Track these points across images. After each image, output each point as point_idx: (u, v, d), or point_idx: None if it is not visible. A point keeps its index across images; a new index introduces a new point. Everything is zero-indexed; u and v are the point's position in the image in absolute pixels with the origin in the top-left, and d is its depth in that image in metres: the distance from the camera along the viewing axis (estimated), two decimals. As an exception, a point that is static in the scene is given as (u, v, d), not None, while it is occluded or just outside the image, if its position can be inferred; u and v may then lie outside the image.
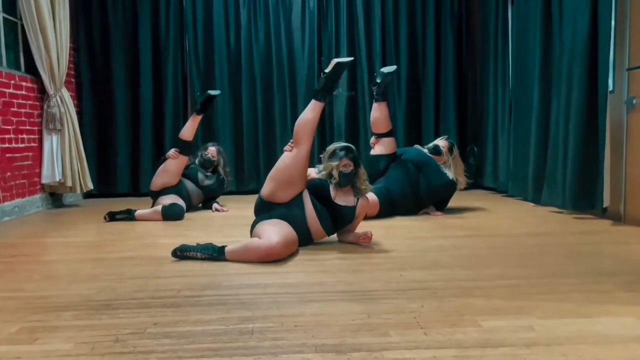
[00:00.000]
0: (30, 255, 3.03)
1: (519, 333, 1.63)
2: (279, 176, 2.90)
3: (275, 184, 2.89)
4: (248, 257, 2.62)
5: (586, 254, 2.74)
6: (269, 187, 2.92)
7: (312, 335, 1.66)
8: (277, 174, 2.92)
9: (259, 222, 2.85)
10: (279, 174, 2.90)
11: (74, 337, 1.69)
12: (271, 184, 2.91)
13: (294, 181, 2.89)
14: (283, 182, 2.88)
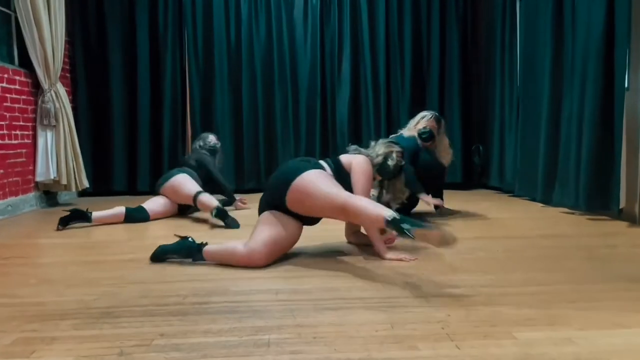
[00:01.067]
0: (24, 257, 2.87)
1: (559, 347, 1.50)
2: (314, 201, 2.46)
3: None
4: (227, 262, 2.49)
5: (608, 258, 2.62)
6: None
7: (335, 348, 1.53)
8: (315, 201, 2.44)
9: (262, 212, 2.61)
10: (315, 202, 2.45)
11: (73, 349, 1.56)
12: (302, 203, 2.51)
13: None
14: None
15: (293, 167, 2.51)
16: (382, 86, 5.86)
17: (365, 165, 2.67)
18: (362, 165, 2.65)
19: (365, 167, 2.65)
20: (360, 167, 2.64)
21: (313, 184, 2.38)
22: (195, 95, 5.77)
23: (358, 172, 2.62)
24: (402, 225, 2.06)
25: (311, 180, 2.40)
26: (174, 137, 5.75)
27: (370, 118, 5.87)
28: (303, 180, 2.40)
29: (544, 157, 4.33)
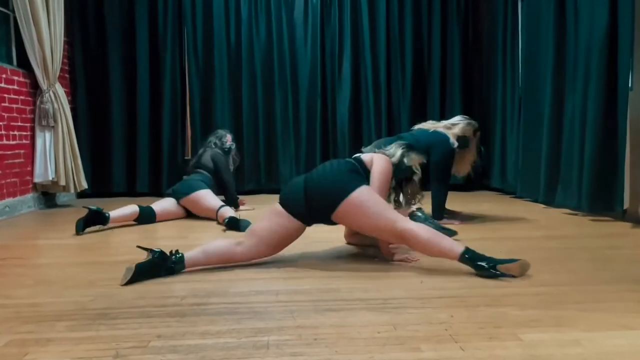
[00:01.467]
0: (21, 258, 2.84)
1: (565, 348, 1.47)
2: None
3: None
4: (223, 262, 2.45)
5: (612, 259, 2.59)
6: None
7: (336, 350, 1.49)
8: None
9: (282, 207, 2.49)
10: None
11: (68, 351, 1.52)
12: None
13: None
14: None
15: (344, 180, 2.39)
16: (383, 86, 5.83)
17: (385, 163, 2.58)
18: (382, 164, 2.57)
19: (385, 165, 2.57)
20: (380, 165, 2.56)
21: (369, 203, 2.34)
22: (195, 95, 5.74)
23: (377, 171, 2.54)
24: (478, 262, 2.20)
25: (368, 200, 2.34)
26: (174, 138, 5.71)
27: (371, 118, 5.84)
28: (359, 197, 2.33)
29: (547, 158, 4.29)
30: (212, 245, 2.46)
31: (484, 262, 2.20)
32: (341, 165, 2.52)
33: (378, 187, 2.51)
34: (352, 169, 2.49)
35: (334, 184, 2.39)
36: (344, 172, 2.46)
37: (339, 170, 2.48)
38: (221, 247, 2.44)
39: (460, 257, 2.23)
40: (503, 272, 2.16)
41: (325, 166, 2.55)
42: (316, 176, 2.47)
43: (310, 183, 2.43)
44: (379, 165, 2.55)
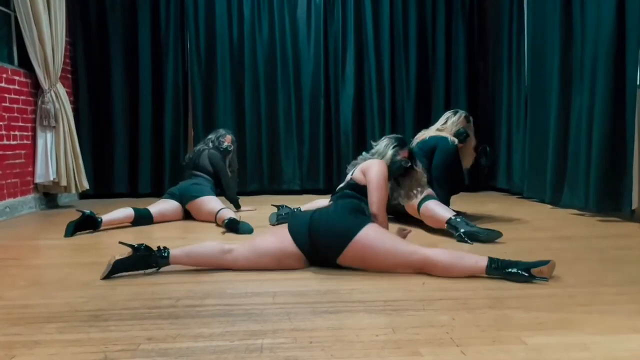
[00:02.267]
0: (18, 259, 2.80)
1: (572, 352, 1.40)
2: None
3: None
4: (205, 263, 2.38)
5: (620, 260, 2.51)
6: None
7: (331, 354, 1.44)
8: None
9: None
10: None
11: (56, 354, 1.47)
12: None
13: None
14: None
15: (347, 223, 2.29)
16: (387, 86, 5.76)
17: (378, 168, 2.50)
18: (375, 172, 2.48)
19: (377, 172, 2.48)
20: (374, 174, 2.47)
21: (377, 242, 2.24)
22: (197, 96, 5.70)
23: (372, 182, 2.47)
24: (508, 270, 2.12)
25: (375, 239, 2.24)
26: (176, 139, 5.68)
27: (375, 118, 5.78)
28: (366, 238, 2.23)
29: (553, 156, 4.21)
30: (202, 247, 2.40)
31: (513, 268, 2.12)
32: (345, 206, 2.42)
33: (377, 199, 2.46)
34: (354, 208, 2.40)
35: (337, 229, 2.29)
36: (347, 213, 2.36)
37: (342, 212, 2.38)
38: (210, 250, 2.37)
39: (487, 269, 2.14)
40: (536, 275, 2.09)
41: (329, 209, 2.44)
42: (319, 219, 2.35)
43: (314, 226, 2.32)
44: (371, 175, 2.48)
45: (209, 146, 4.25)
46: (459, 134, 3.63)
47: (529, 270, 2.10)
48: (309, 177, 5.78)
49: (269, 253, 2.35)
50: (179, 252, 2.35)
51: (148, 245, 2.34)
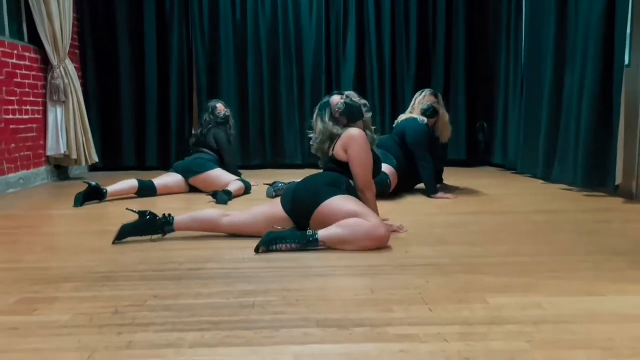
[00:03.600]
0: (33, 226, 3.01)
1: (526, 310, 1.58)
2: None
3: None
4: (208, 229, 2.61)
5: (597, 232, 2.67)
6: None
7: (314, 309, 1.62)
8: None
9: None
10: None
11: (72, 308, 1.67)
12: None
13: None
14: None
15: (319, 192, 2.47)
16: (387, 63, 5.86)
17: (359, 144, 2.56)
18: (357, 151, 2.55)
19: (360, 150, 2.56)
20: (354, 153, 2.56)
21: (337, 210, 2.39)
22: (201, 71, 5.84)
23: (354, 163, 2.57)
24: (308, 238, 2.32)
25: (336, 206, 2.39)
26: (181, 113, 5.84)
27: (375, 94, 5.89)
28: (328, 206, 2.40)
29: (545, 133, 4.34)
30: (202, 212, 2.65)
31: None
32: (324, 178, 2.59)
33: (361, 175, 2.55)
34: (332, 182, 2.54)
35: (310, 196, 2.48)
36: (322, 185, 2.53)
37: (319, 183, 2.55)
38: (209, 214, 2.61)
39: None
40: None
41: (310, 179, 2.62)
42: (301, 187, 2.57)
43: (296, 193, 2.55)
44: (352, 153, 2.56)
45: (210, 125, 4.34)
46: (425, 110, 3.78)
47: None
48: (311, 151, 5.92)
49: (261, 216, 2.56)
50: (182, 218, 2.58)
51: (153, 212, 2.56)
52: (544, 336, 1.40)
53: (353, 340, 1.40)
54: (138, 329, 1.49)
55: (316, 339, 1.41)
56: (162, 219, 2.55)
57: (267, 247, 2.30)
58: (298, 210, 2.51)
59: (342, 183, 2.56)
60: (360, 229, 2.30)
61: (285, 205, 2.56)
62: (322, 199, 2.43)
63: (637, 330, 1.44)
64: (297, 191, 2.56)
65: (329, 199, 2.42)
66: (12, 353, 1.35)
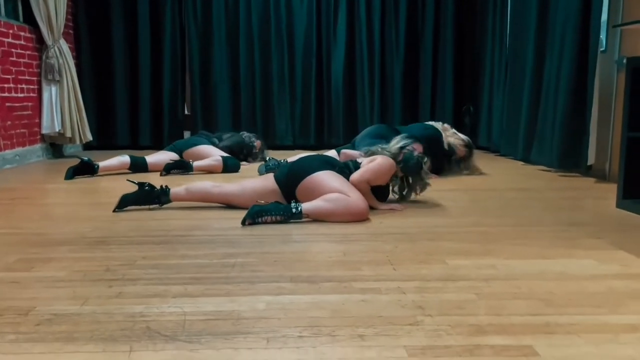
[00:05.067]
0: (29, 198, 3.15)
1: (481, 270, 1.75)
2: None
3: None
4: (204, 199, 2.79)
5: (562, 208, 2.84)
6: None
7: (289, 268, 1.78)
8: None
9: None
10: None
11: (68, 266, 1.82)
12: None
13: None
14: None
15: (311, 166, 2.61)
16: (377, 46, 5.98)
17: (385, 161, 2.67)
18: (379, 163, 2.66)
19: (384, 166, 2.66)
20: (378, 160, 2.67)
21: (323, 182, 2.52)
22: (194, 53, 5.94)
23: (370, 165, 2.66)
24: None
25: (323, 179, 2.53)
26: (174, 95, 5.96)
27: (365, 76, 6.02)
28: (316, 177, 2.53)
29: (526, 116, 4.49)
30: (196, 183, 2.83)
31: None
32: (322, 157, 2.77)
33: (363, 172, 2.63)
34: (328, 161, 2.69)
35: (302, 169, 2.62)
36: (317, 161, 2.66)
37: (316, 160, 2.70)
38: (202, 186, 2.79)
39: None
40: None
41: (311, 155, 2.81)
42: (298, 161, 2.74)
43: (293, 167, 2.70)
44: (378, 162, 2.66)
45: (243, 139, 4.62)
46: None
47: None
48: (301, 132, 6.08)
49: (251, 189, 2.72)
50: (178, 189, 2.77)
51: (152, 184, 2.76)
52: (492, 290, 1.57)
53: (321, 292, 1.56)
54: (128, 283, 1.64)
55: (288, 291, 1.57)
56: (159, 190, 2.74)
57: (253, 219, 2.43)
58: (290, 183, 2.62)
59: (337, 165, 2.68)
60: (342, 203, 2.45)
61: (280, 177, 2.68)
62: (310, 171, 2.57)
63: (576, 286, 1.61)
64: (294, 165, 2.73)
65: (316, 173, 2.55)
66: (12, 301, 1.50)
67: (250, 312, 1.41)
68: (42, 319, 1.37)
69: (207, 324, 1.33)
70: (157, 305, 1.46)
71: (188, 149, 4.28)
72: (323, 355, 1.17)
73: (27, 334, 1.28)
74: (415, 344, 1.22)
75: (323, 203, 2.46)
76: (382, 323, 1.33)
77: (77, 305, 1.46)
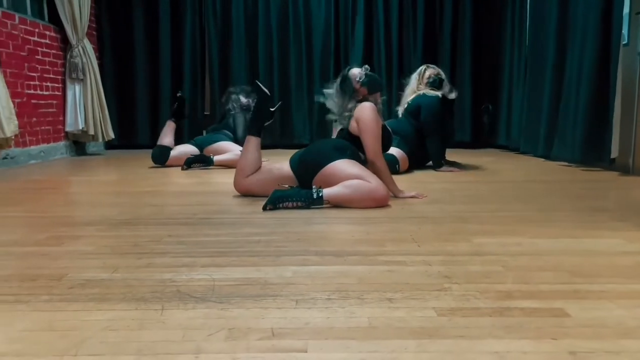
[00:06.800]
0: (55, 188, 3.21)
1: (506, 247, 1.74)
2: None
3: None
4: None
5: (585, 196, 2.81)
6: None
7: (314, 244, 1.79)
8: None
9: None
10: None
11: (96, 242, 1.86)
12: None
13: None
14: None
15: (325, 154, 2.60)
16: (395, 46, 5.99)
17: (369, 114, 2.70)
18: (368, 120, 2.69)
19: (370, 119, 2.69)
20: (367, 123, 2.69)
21: (340, 173, 2.51)
22: (213, 54, 6.02)
23: (366, 133, 2.69)
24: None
25: (339, 169, 2.52)
26: (194, 94, 6.03)
27: (383, 77, 6.01)
28: (332, 168, 2.53)
29: (547, 112, 4.46)
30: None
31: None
32: (333, 143, 2.75)
33: (372, 145, 2.68)
34: (335, 146, 2.68)
35: (316, 158, 2.62)
36: (329, 148, 2.66)
37: (327, 147, 2.69)
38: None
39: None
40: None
41: (318, 142, 2.79)
42: (309, 149, 2.76)
43: (305, 154, 2.71)
44: (364, 123, 2.69)
45: (239, 110, 4.66)
46: (433, 83, 3.90)
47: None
48: (319, 131, 6.09)
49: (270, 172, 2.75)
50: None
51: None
52: (519, 263, 1.56)
53: (347, 264, 1.57)
54: (156, 256, 1.67)
55: (314, 262, 1.58)
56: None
57: (274, 205, 2.43)
58: (304, 171, 2.66)
59: (348, 149, 2.68)
60: (363, 189, 2.45)
61: (293, 165, 2.72)
62: (326, 161, 2.57)
63: (604, 260, 1.59)
64: (304, 154, 2.73)
65: (333, 162, 2.56)
66: (44, 269, 1.54)
67: (277, 279, 1.43)
68: (75, 283, 1.39)
69: (236, 288, 1.35)
70: (185, 273, 1.48)
71: (209, 146, 4.32)
72: (352, 314, 1.18)
73: (61, 295, 1.31)
74: (443, 306, 1.22)
75: (344, 189, 2.46)
76: (410, 289, 1.34)
77: (108, 272, 1.49)
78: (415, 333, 1.08)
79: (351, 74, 2.85)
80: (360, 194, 2.44)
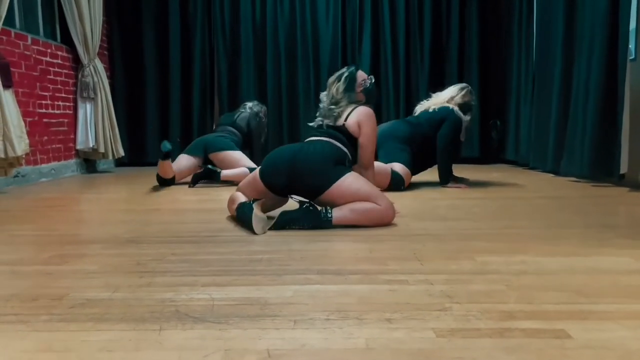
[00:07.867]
0: (64, 206, 3.24)
1: (510, 266, 1.71)
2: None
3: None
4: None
5: (594, 212, 2.78)
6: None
7: (316, 263, 1.79)
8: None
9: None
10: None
11: (100, 261, 1.87)
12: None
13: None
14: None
15: (329, 172, 2.43)
16: (402, 63, 6.02)
17: (373, 121, 2.66)
18: (372, 128, 2.64)
19: (374, 128, 2.66)
20: (370, 130, 2.63)
21: (348, 191, 2.40)
22: (222, 73, 6.08)
23: (368, 142, 2.64)
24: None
25: (349, 186, 2.40)
26: (203, 113, 6.09)
27: (390, 93, 6.04)
28: (341, 186, 2.39)
29: (555, 127, 4.43)
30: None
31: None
32: (331, 154, 2.51)
33: (371, 154, 2.68)
34: (332, 158, 2.49)
35: (318, 176, 2.42)
36: (330, 163, 2.46)
37: (326, 160, 2.47)
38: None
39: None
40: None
41: (314, 150, 2.51)
42: (304, 157, 2.47)
43: (297, 167, 2.44)
44: (367, 129, 2.62)
45: (250, 111, 4.67)
46: (464, 107, 3.85)
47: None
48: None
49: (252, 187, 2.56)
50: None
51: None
52: (522, 282, 1.54)
53: (347, 283, 1.56)
54: (157, 275, 1.67)
55: (315, 282, 1.57)
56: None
57: (283, 228, 2.33)
58: (300, 186, 2.45)
59: (344, 157, 2.57)
60: (373, 215, 2.37)
61: (273, 179, 2.47)
62: (329, 181, 2.40)
63: (610, 279, 1.57)
64: (300, 166, 2.44)
65: (338, 181, 2.41)
66: (46, 289, 1.54)
67: (277, 298, 1.42)
68: (76, 303, 1.40)
69: (235, 308, 1.35)
70: (185, 292, 1.48)
71: (215, 152, 4.26)
72: (350, 335, 1.17)
73: (60, 315, 1.31)
74: (443, 326, 1.21)
75: (354, 216, 2.36)
76: (410, 309, 1.32)
77: (109, 292, 1.49)
78: (412, 355, 1.07)
79: (359, 74, 2.77)
80: (369, 220, 2.38)
